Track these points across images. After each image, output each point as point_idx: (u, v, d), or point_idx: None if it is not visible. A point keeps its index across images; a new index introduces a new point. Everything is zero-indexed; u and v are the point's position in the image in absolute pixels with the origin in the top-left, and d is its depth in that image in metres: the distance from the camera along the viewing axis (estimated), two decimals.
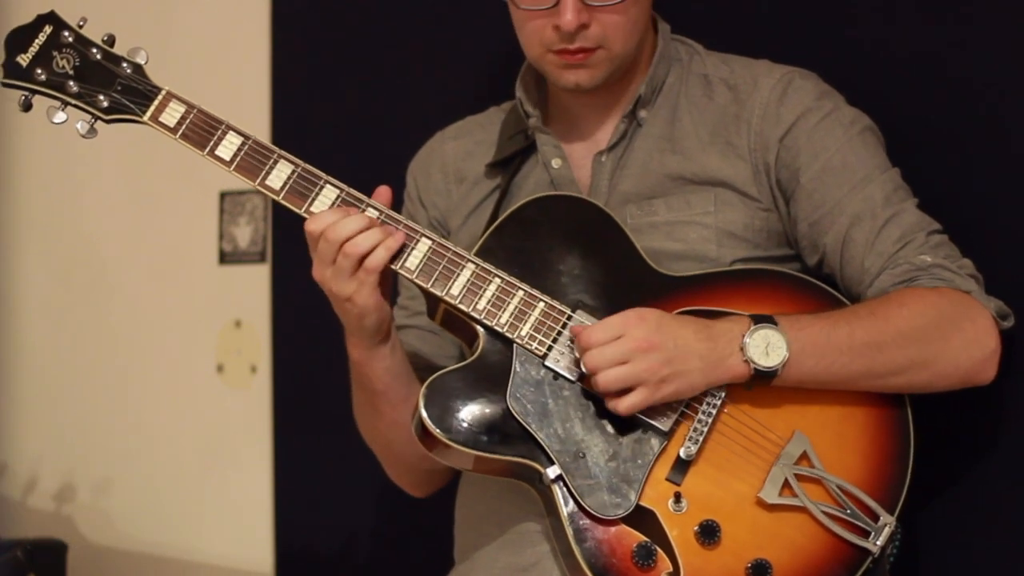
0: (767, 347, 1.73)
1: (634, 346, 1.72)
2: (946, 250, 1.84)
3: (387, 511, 2.61)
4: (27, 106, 1.83)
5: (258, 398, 2.82)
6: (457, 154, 2.04)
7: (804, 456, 1.77)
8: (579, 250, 1.83)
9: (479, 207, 1.99)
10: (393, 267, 1.80)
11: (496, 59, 2.12)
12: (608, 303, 1.80)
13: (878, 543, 1.75)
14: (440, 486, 2.07)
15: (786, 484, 1.76)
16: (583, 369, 1.75)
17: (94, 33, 1.85)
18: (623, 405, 1.74)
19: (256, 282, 2.84)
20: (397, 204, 1.89)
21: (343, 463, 2.62)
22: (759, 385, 1.76)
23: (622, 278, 1.83)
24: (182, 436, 2.96)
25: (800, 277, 1.86)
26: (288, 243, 2.70)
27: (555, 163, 1.95)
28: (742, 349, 1.74)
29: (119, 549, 3.02)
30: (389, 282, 1.84)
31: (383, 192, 1.83)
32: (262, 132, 2.76)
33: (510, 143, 1.99)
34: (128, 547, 3.01)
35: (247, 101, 2.79)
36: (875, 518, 1.76)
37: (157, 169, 2.89)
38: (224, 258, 2.90)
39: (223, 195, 2.89)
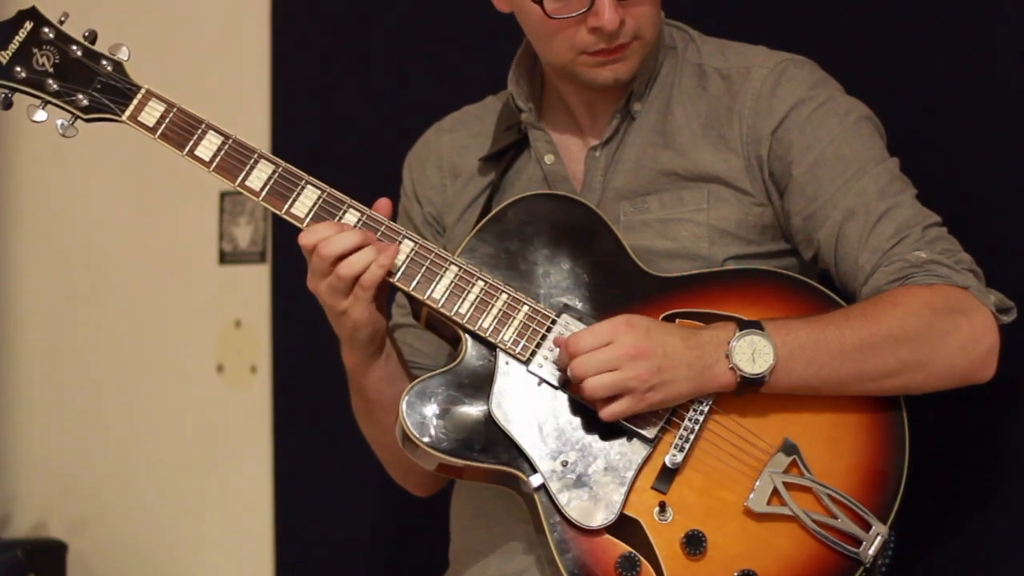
0: (753, 353, 1.71)
1: (623, 353, 1.70)
2: (943, 244, 1.80)
3: (387, 511, 2.60)
4: (7, 104, 1.81)
5: (258, 398, 2.82)
6: (453, 148, 2.02)
7: (794, 463, 1.74)
8: (566, 251, 1.81)
9: (473, 203, 1.97)
10: None
11: (499, 56, 2.10)
12: (595, 306, 1.78)
13: (869, 552, 1.72)
14: (443, 485, 2.05)
15: (775, 492, 1.73)
16: (570, 375, 1.72)
17: (85, 29, 1.83)
18: (607, 412, 1.71)
19: (256, 282, 2.84)
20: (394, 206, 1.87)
21: (343, 463, 2.63)
22: (748, 392, 1.73)
23: (610, 280, 1.80)
24: (182, 436, 2.96)
25: (794, 277, 1.83)
26: (288, 243, 2.66)
27: (548, 159, 1.92)
28: (728, 356, 1.71)
29: (119, 549, 3.02)
30: (385, 294, 1.83)
31: (383, 204, 1.81)
32: (262, 132, 2.76)
33: (504, 136, 1.96)
34: (128, 547, 3.01)
35: (247, 101, 2.79)
36: (867, 527, 1.73)
37: (157, 169, 2.88)
38: (224, 258, 2.90)
39: (223, 195, 2.89)
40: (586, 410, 1.74)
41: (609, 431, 1.74)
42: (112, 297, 3.04)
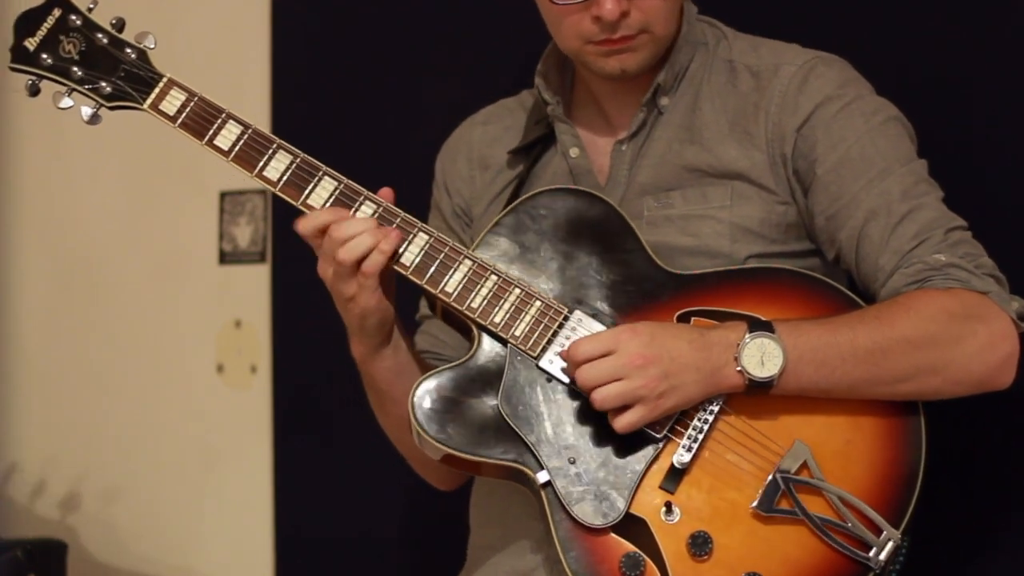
0: (762, 356, 1.69)
1: (627, 361, 1.68)
2: (965, 248, 1.76)
3: (387, 511, 2.60)
4: (34, 91, 1.82)
5: (258, 398, 2.82)
6: (483, 140, 2.01)
7: (804, 466, 1.71)
8: (583, 246, 1.79)
9: (500, 195, 1.96)
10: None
11: (499, 54, 2.10)
12: (610, 302, 1.77)
13: (880, 558, 1.69)
14: (464, 481, 2.01)
15: (784, 495, 1.71)
16: (576, 385, 1.71)
17: (113, 17, 1.83)
18: (622, 423, 1.69)
19: (256, 282, 2.84)
20: (402, 204, 1.86)
21: (343, 463, 2.63)
22: (758, 394, 1.71)
23: (626, 276, 1.78)
24: (182, 436, 2.96)
25: (812, 276, 1.80)
26: (288, 243, 2.68)
27: (573, 152, 1.91)
28: (736, 358, 1.69)
29: (119, 549, 3.01)
30: (393, 284, 1.81)
31: (385, 193, 1.80)
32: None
33: (534, 129, 1.95)
34: (128, 547, 3.01)
35: (247, 100, 2.78)
36: (878, 532, 1.70)
37: (157, 169, 2.89)
38: (224, 258, 2.90)
39: (223, 195, 2.89)
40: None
41: None
42: (112, 297, 3.04)
